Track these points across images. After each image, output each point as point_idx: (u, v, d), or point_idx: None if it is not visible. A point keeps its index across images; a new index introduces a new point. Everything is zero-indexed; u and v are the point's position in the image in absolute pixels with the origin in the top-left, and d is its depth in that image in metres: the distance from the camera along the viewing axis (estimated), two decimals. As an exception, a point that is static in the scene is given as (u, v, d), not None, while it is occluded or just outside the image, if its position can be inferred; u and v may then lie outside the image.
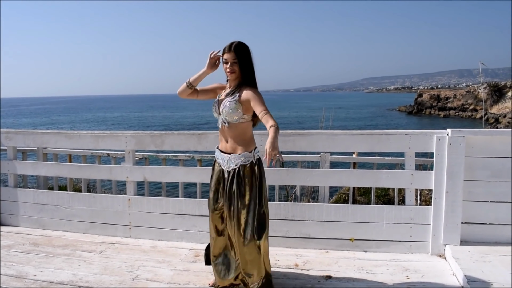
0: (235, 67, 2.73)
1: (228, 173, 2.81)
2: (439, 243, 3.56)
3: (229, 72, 2.76)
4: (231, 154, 2.79)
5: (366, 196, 5.66)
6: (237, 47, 2.72)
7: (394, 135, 3.66)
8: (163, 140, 4.08)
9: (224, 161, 2.83)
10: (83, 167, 4.53)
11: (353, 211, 3.77)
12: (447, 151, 3.47)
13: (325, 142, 3.81)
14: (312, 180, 3.93)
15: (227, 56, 2.73)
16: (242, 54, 2.73)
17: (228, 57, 2.73)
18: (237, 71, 2.75)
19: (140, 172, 4.20)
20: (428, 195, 4.80)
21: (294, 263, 3.49)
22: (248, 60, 2.76)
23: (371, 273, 3.28)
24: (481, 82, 29.88)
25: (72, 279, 3.28)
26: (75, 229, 4.40)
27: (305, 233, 3.81)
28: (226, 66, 2.76)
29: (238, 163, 2.76)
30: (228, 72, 2.77)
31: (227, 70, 2.76)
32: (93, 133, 4.37)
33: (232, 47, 2.72)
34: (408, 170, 3.65)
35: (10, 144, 4.63)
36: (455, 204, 3.50)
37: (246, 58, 2.75)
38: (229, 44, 2.75)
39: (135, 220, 4.20)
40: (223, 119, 2.79)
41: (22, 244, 4.07)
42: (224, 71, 2.80)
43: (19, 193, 4.62)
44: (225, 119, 2.77)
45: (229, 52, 2.72)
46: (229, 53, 2.72)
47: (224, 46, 2.76)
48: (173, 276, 3.30)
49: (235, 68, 2.74)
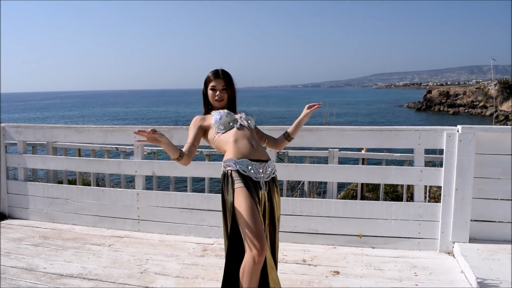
0: (224, 94, 2.60)
1: (266, 184, 2.41)
2: (447, 240, 3.55)
3: (217, 100, 2.60)
4: (269, 161, 2.48)
5: (374, 192, 5.64)
6: (225, 73, 2.61)
7: (403, 131, 3.65)
8: (172, 135, 4.09)
9: (257, 170, 2.39)
10: (92, 161, 4.56)
11: (362, 207, 3.76)
12: (457, 148, 3.45)
13: (334, 137, 3.80)
14: (320, 175, 3.94)
15: (215, 83, 2.59)
16: (230, 81, 2.63)
17: (217, 83, 2.59)
18: (226, 98, 2.62)
19: (149, 166, 4.22)
20: (437, 192, 4.77)
21: (302, 259, 3.49)
22: (234, 86, 2.66)
23: (379, 269, 3.27)
24: (491, 78, 29.60)
25: (81, 272, 3.31)
26: (84, 222, 4.44)
27: (313, 229, 3.81)
28: (213, 93, 2.60)
29: (274, 170, 2.52)
30: (216, 100, 2.60)
31: (215, 98, 2.60)
32: (102, 127, 4.40)
33: (220, 74, 2.60)
34: (417, 166, 3.64)
35: (20, 138, 4.67)
36: (465, 201, 3.48)
37: (232, 85, 2.65)
38: (215, 71, 2.61)
39: (143, 214, 4.22)
40: (246, 123, 2.59)
41: (32, 237, 4.11)
42: (210, 98, 2.62)
43: (29, 187, 4.67)
44: (249, 123, 2.60)
45: (216, 79, 2.59)
46: (217, 80, 2.59)
47: (208, 74, 2.62)
48: (181, 270, 3.32)
49: (223, 96, 2.60)
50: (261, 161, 2.42)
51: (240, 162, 2.35)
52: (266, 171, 2.42)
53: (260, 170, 2.39)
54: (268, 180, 2.43)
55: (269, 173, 2.44)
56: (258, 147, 2.49)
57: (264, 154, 2.50)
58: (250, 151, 2.41)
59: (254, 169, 2.37)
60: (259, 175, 2.38)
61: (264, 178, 2.39)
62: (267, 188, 2.40)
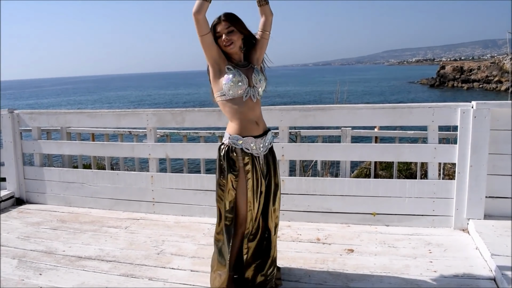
0: (232, 37, 2.39)
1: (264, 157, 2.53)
2: (462, 217, 3.53)
3: (226, 46, 2.41)
4: (267, 135, 2.52)
5: (388, 170, 5.63)
6: (228, 14, 2.40)
7: (417, 109, 3.60)
8: (184, 117, 4.10)
9: (258, 145, 2.47)
10: (106, 145, 4.60)
11: (375, 186, 3.75)
12: (472, 124, 3.40)
13: (347, 116, 3.78)
14: (333, 155, 3.93)
15: (219, 28, 2.40)
16: (235, 20, 2.41)
17: (221, 28, 2.39)
18: (236, 40, 2.41)
19: (162, 149, 4.25)
20: (451, 169, 4.74)
21: (316, 237, 3.51)
22: (242, 24, 2.44)
23: (393, 247, 3.28)
24: (506, 53, 28.97)
25: (99, 253, 3.38)
26: (100, 206, 4.50)
27: (327, 208, 3.82)
28: (220, 40, 2.41)
29: (271, 140, 2.57)
30: (225, 46, 2.41)
31: (224, 43, 2.40)
32: (115, 112, 4.43)
33: (222, 16, 2.40)
34: (431, 144, 3.60)
35: (34, 125, 4.72)
36: (479, 178, 3.45)
37: (239, 22, 2.43)
38: (217, 17, 2.42)
39: (158, 196, 4.27)
40: (258, 91, 2.48)
41: (50, 221, 4.19)
42: (221, 47, 2.42)
43: (45, 172, 4.74)
44: (259, 91, 2.50)
45: (219, 23, 2.40)
46: (220, 24, 2.40)
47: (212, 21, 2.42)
48: (197, 250, 3.37)
49: (232, 38, 2.39)
50: (261, 136, 2.49)
51: (245, 141, 2.43)
52: (265, 144, 2.51)
53: (260, 145, 2.48)
54: (266, 152, 2.53)
55: (268, 145, 2.54)
56: (260, 121, 2.53)
57: (264, 125, 2.56)
58: (254, 128, 2.47)
59: (256, 145, 2.46)
60: (260, 150, 2.48)
61: (263, 151, 2.50)
62: (265, 160, 2.53)
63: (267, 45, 2.59)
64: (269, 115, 3.79)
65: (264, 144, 2.50)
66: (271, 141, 2.58)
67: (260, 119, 2.52)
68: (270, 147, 2.59)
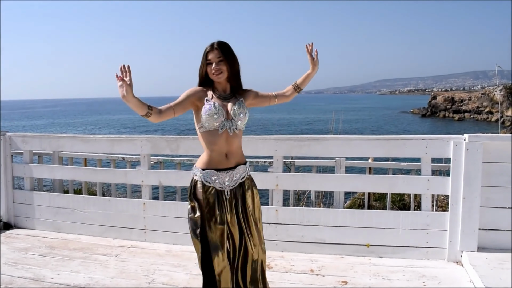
0: (222, 66, 2.39)
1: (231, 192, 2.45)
2: (456, 250, 3.52)
3: (215, 74, 2.40)
4: (237, 168, 2.46)
5: (381, 201, 5.62)
6: (221, 44, 2.41)
7: (410, 140, 3.63)
8: (178, 144, 4.10)
9: (222, 179, 2.42)
10: (99, 171, 4.57)
11: (369, 217, 3.74)
12: (464, 157, 3.43)
13: (341, 147, 3.80)
14: (327, 185, 3.93)
15: (210, 55, 2.40)
16: (228, 51, 2.42)
17: (212, 56, 2.39)
18: (225, 69, 2.41)
19: (156, 176, 4.22)
20: (445, 201, 4.74)
21: (310, 269, 3.48)
22: (234, 57, 2.45)
23: (387, 279, 3.26)
24: (497, 84, 29.53)
25: (89, 282, 3.31)
26: (90, 232, 4.43)
27: (320, 238, 3.80)
28: (210, 68, 2.40)
29: (244, 175, 2.50)
30: (214, 74, 2.40)
31: (213, 72, 2.39)
32: (109, 137, 4.41)
33: (215, 45, 2.40)
34: (424, 175, 3.62)
35: (26, 148, 4.69)
36: (472, 210, 3.46)
37: (232, 54, 2.44)
38: (210, 44, 2.42)
39: (150, 224, 4.22)
40: (236, 125, 2.44)
41: (38, 247, 4.11)
42: (209, 75, 2.43)
43: (34, 196, 4.67)
44: (238, 124, 2.45)
45: (211, 51, 2.40)
46: (212, 52, 2.39)
47: (205, 48, 2.43)
48: (189, 280, 3.31)
49: (221, 68, 2.39)
50: (229, 169, 2.44)
51: (205, 174, 2.41)
52: (232, 178, 2.44)
53: (226, 179, 2.42)
54: (235, 187, 2.45)
55: (237, 179, 2.46)
56: (233, 154, 2.46)
57: (238, 159, 2.49)
58: (222, 161, 2.43)
59: (219, 179, 2.41)
60: (224, 184, 2.42)
61: (229, 186, 2.43)
62: (234, 195, 2.45)
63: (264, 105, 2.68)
64: (264, 144, 3.80)
65: (232, 178, 2.44)
66: (243, 176, 2.49)
67: (232, 153, 2.46)
68: (243, 181, 2.50)
